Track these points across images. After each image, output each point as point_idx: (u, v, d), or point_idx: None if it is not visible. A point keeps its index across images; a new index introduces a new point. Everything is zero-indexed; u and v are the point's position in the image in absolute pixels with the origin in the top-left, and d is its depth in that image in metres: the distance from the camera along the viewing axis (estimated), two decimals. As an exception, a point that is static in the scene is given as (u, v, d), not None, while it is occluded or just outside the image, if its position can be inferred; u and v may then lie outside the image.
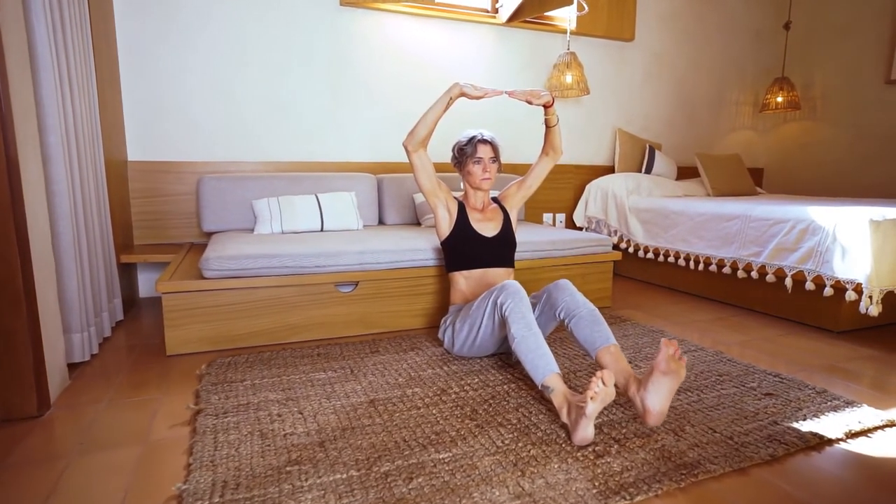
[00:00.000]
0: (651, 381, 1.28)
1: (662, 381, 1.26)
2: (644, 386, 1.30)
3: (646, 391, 1.29)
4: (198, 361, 1.85)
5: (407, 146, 1.80)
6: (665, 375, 1.26)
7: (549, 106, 1.84)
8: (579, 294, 1.58)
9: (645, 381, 1.30)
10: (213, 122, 2.82)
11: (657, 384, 1.27)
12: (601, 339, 1.47)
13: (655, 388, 1.27)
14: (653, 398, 1.27)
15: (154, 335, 2.14)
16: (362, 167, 3.15)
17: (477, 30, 3.34)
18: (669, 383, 1.26)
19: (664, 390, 1.27)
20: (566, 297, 1.58)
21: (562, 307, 1.58)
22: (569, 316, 1.55)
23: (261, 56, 2.86)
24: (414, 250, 2.22)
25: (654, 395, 1.27)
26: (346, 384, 1.64)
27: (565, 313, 1.56)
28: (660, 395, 1.27)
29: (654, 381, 1.27)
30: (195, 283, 1.90)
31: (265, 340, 2.03)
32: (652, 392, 1.27)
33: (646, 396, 1.28)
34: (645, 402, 1.28)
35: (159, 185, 2.75)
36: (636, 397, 1.32)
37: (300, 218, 2.59)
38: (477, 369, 1.76)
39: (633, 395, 1.34)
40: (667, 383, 1.26)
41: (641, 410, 1.30)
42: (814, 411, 1.45)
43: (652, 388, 1.28)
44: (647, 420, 1.29)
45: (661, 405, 1.27)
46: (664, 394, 1.27)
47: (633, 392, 1.34)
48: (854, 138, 3.93)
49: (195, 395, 1.56)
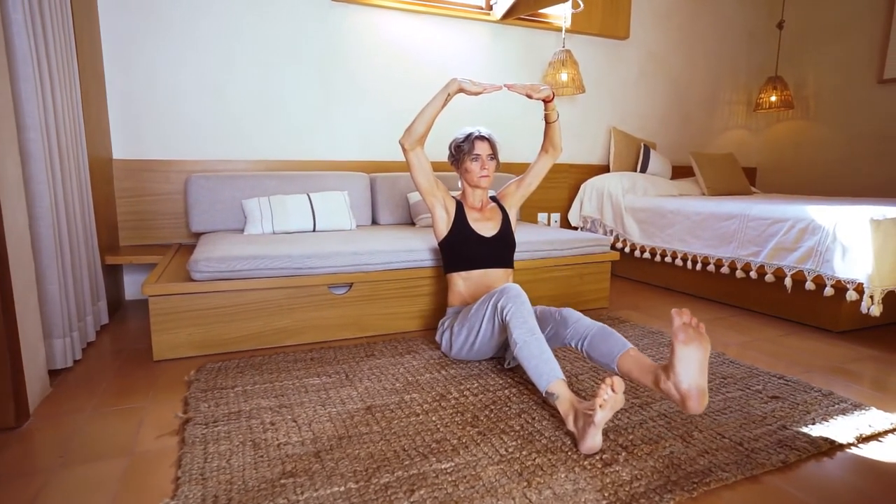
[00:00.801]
0: (675, 359, 1.16)
1: (687, 354, 1.15)
2: (671, 369, 1.18)
3: (674, 373, 1.17)
4: (186, 367, 1.78)
5: (403, 144, 1.74)
6: (686, 346, 1.15)
7: (549, 101, 1.79)
8: (585, 318, 1.52)
9: (670, 364, 1.19)
10: (202, 120, 2.74)
11: (683, 360, 1.15)
12: (618, 346, 1.39)
13: (682, 364, 1.16)
14: (684, 376, 1.15)
15: (141, 339, 2.07)
16: (355, 166, 3.09)
17: (471, 27, 3.29)
18: (695, 354, 1.15)
19: (693, 364, 1.15)
20: (573, 325, 1.50)
21: (570, 336, 1.50)
22: (579, 339, 1.47)
23: (251, 52, 2.79)
24: (409, 251, 2.17)
25: (684, 373, 1.15)
26: (342, 390, 1.58)
27: (575, 340, 1.48)
28: (690, 371, 1.15)
29: (678, 358, 1.16)
30: (183, 286, 1.83)
31: (256, 344, 1.97)
32: (681, 371, 1.16)
33: (677, 379, 1.17)
34: (679, 386, 1.17)
35: (146, 183, 2.67)
36: (668, 386, 1.20)
37: (292, 218, 2.53)
38: (476, 373, 1.71)
39: (665, 388, 1.21)
40: (692, 355, 1.15)
41: (678, 397, 1.18)
42: (822, 415, 1.42)
43: (679, 367, 1.16)
44: (687, 406, 1.15)
45: (695, 381, 1.14)
46: (695, 368, 1.15)
47: (663, 383, 1.21)
48: (846, 138, 3.94)
49: (184, 402, 1.50)
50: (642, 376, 1.30)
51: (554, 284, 2.47)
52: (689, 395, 1.16)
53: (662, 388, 1.23)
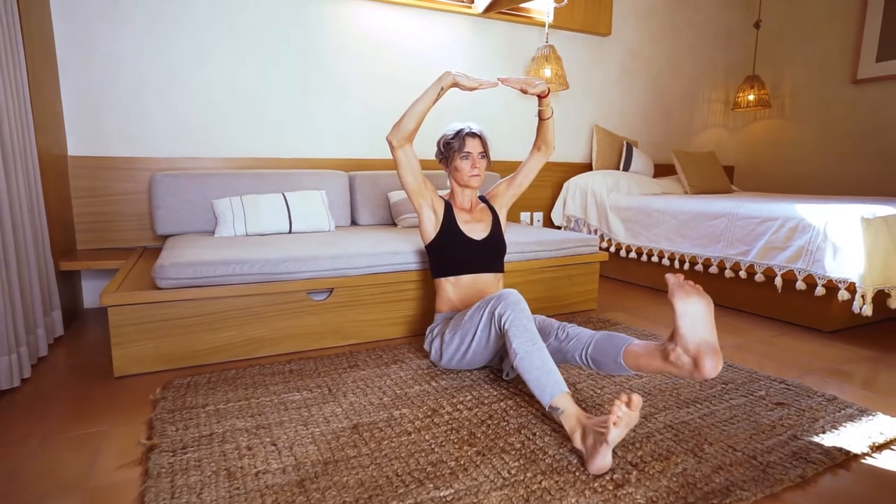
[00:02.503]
0: (679, 319, 1.09)
1: (690, 310, 1.08)
2: (676, 333, 1.11)
3: (680, 335, 1.10)
4: (151, 383, 1.62)
5: (391, 140, 1.63)
6: (686, 301, 1.08)
7: (543, 96, 1.70)
8: (586, 331, 1.44)
9: (674, 329, 1.11)
10: (168, 114, 2.56)
11: (687, 316, 1.08)
12: (621, 341, 1.31)
13: (687, 322, 1.08)
14: (692, 334, 1.08)
15: (100, 353, 1.89)
16: (333, 164, 2.94)
17: (452, 20, 3.19)
18: (699, 308, 1.08)
19: (698, 319, 1.08)
20: (572, 340, 1.42)
21: (572, 351, 1.41)
22: (582, 350, 1.39)
23: (220, 42, 2.62)
24: (393, 253, 2.05)
25: (690, 330, 1.08)
26: (325, 406, 1.46)
27: (579, 354, 1.39)
28: (697, 327, 1.08)
29: (681, 316, 1.08)
30: (147, 294, 1.67)
31: (229, 356, 1.82)
32: (687, 330, 1.08)
33: (684, 341, 1.09)
34: (687, 346, 1.09)
35: (106, 182, 2.48)
36: (677, 354, 1.12)
37: (266, 219, 2.38)
38: (468, 384, 1.61)
39: (675, 358, 1.13)
40: (696, 310, 1.08)
41: (690, 363, 1.10)
42: (831, 422, 1.36)
43: (685, 326, 1.08)
44: (702, 368, 1.07)
45: (704, 338, 1.07)
46: (701, 324, 1.08)
47: (672, 354, 1.14)
48: (821, 137, 3.98)
49: (148, 425, 1.35)
50: (650, 360, 1.22)
51: (542, 287, 2.39)
52: (701, 353, 1.08)
53: (672, 360, 1.15)
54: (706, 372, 1.08)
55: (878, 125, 3.65)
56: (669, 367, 1.17)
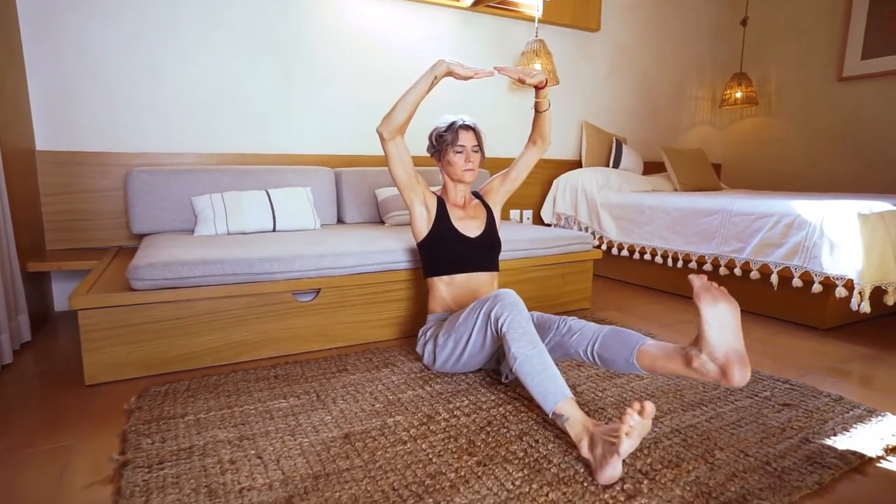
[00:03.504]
0: (705, 325, 1.03)
1: (717, 315, 1.02)
2: (702, 338, 1.04)
3: (707, 342, 1.04)
4: (126, 392, 1.52)
5: (382, 132, 1.54)
6: (714, 305, 1.02)
7: (541, 87, 1.63)
8: (591, 323, 1.36)
9: (700, 334, 1.05)
10: (143, 107, 2.44)
11: (714, 322, 1.02)
12: (633, 340, 1.24)
13: (714, 329, 1.02)
14: (720, 342, 1.02)
15: (71, 359, 1.78)
16: (318, 160, 2.85)
17: (440, 13, 3.11)
18: (727, 314, 1.02)
19: (726, 326, 1.02)
20: (577, 333, 1.34)
21: (577, 345, 1.33)
22: (588, 345, 1.31)
23: (200, 31, 2.50)
24: (382, 252, 1.97)
25: (718, 337, 1.02)
26: (313, 414, 1.37)
27: (583, 347, 1.32)
28: (725, 335, 1.02)
29: (707, 322, 1.03)
30: (121, 297, 1.57)
31: (211, 362, 1.72)
32: (714, 337, 1.02)
33: (711, 348, 1.03)
34: (715, 355, 1.03)
35: (77, 179, 2.35)
36: (702, 361, 1.06)
37: (249, 217, 2.28)
38: (464, 388, 1.54)
39: (698, 365, 1.07)
40: (724, 316, 1.02)
41: (717, 370, 1.04)
42: (841, 424, 1.32)
43: (711, 333, 1.03)
44: (730, 377, 1.02)
45: (732, 345, 1.02)
46: (730, 330, 1.02)
47: (696, 361, 1.08)
48: (808, 134, 3.99)
49: (121, 438, 1.25)
50: (669, 363, 1.16)
51: (536, 286, 2.32)
52: (730, 362, 1.02)
53: (695, 366, 1.09)
54: (735, 381, 1.02)
55: (863, 122, 3.66)
56: (691, 372, 1.10)
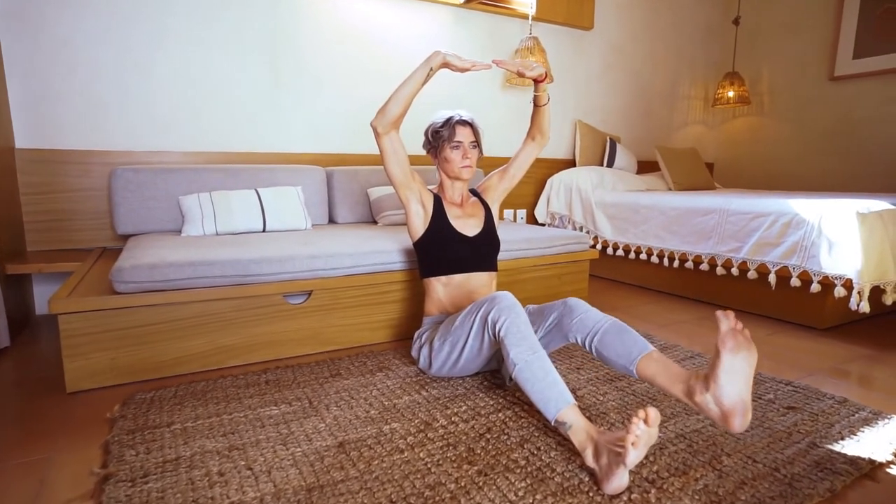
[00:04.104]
0: (720, 370, 1.00)
1: (734, 364, 0.99)
2: (712, 379, 1.02)
3: (717, 385, 1.01)
4: (109, 399, 1.46)
5: (376, 127, 1.49)
6: (735, 354, 0.99)
7: (541, 81, 1.59)
8: (594, 309, 1.34)
9: (711, 373, 1.02)
10: (128, 104, 2.37)
11: (729, 370, 0.99)
12: (637, 347, 1.21)
13: (728, 376, 1.00)
14: (729, 389, 1.00)
15: (51, 366, 1.71)
16: (309, 159, 2.79)
17: (433, 10, 3.06)
18: (743, 364, 1.00)
19: (740, 375, 1.00)
20: (580, 316, 1.32)
21: (576, 330, 1.31)
22: (588, 334, 1.29)
23: (187, 26, 2.43)
24: (376, 252, 1.92)
25: (729, 385, 1.00)
26: (306, 422, 1.32)
27: (582, 334, 1.30)
28: (737, 383, 0.99)
29: (723, 369, 1.00)
30: (104, 300, 1.50)
31: (198, 367, 1.66)
32: (726, 384, 1.00)
33: (720, 392, 1.01)
34: (721, 400, 1.01)
35: (60, 178, 2.27)
36: (705, 399, 1.04)
37: (238, 217, 2.22)
38: (461, 393, 1.49)
39: (701, 401, 1.05)
40: (741, 366, 0.99)
41: (719, 413, 1.02)
42: (847, 427, 1.29)
43: (724, 379, 1.00)
44: (730, 423, 1.01)
45: (741, 395, 1.00)
46: (742, 381, 1.00)
47: (699, 396, 1.05)
48: (800, 134, 4.00)
49: (103, 450, 1.19)
50: (670, 384, 1.13)
51: (531, 287, 2.29)
52: (734, 411, 1.00)
53: (697, 401, 1.06)
54: (734, 428, 1.01)
55: (855, 122, 3.67)
56: (690, 403, 1.09)
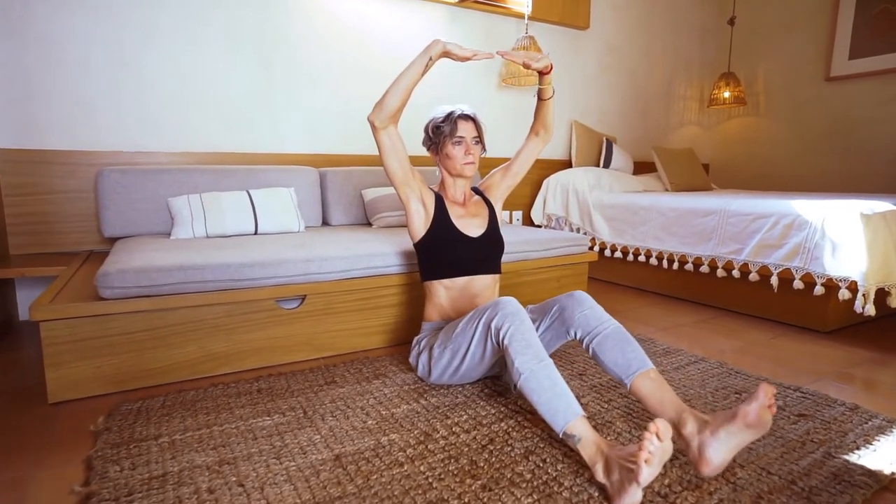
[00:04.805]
0: (727, 430, 1.00)
1: (741, 434, 1.00)
2: (712, 431, 1.02)
3: (713, 437, 1.01)
4: (94, 410, 1.39)
5: (373, 121, 1.42)
6: (749, 428, 0.99)
7: (546, 72, 1.52)
8: (600, 307, 1.30)
9: (715, 427, 1.02)
10: (115, 103, 2.30)
11: (734, 435, 1.00)
12: (636, 362, 1.18)
13: (729, 438, 1.00)
14: (718, 448, 1.00)
15: (33, 375, 1.64)
16: (301, 159, 2.73)
17: (428, 9, 3.01)
18: (748, 437, 1.01)
19: (738, 443, 1.01)
20: (584, 311, 1.28)
21: (578, 325, 1.28)
22: (589, 334, 1.26)
23: (176, 24, 2.37)
24: (371, 255, 1.86)
25: (723, 444, 1.00)
26: (300, 433, 1.26)
27: (583, 331, 1.27)
28: (729, 448, 1.01)
29: (731, 431, 1.00)
30: (88, 306, 1.44)
31: (187, 375, 1.60)
32: (723, 441, 1.00)
33: (709, 443, 1.01)
34: (706, 450, 1.01)
35: (44, 179, 2.20)
36: (694, 439, 1.04)
37: (229, 219, 2.15)
38: (461, 401, 1.44)
39: (689, 435, 1.06)
40: (745, 437, 1.00)
41: (696, 456, 1.03)
42: (862, 436, 1.25)
43: (724, 437, 1.00)
44: (700, 469, 1.02)
45: (725, 458, 1.01)
46: (735, 447, 1.01)
47: (690, 431, 1.06)
48: (796, 134, 3.99)
49: (86, 466, 1.13)
50: (660, 409, 1.14)
51: (529, 290, 2.24)
52: (711, 465, 1.01)
53: (685, 434, 1.07)
54: (702, 474, 1.04)
55: (851, 122, 3.66)
56: (675, 434, 1.09)
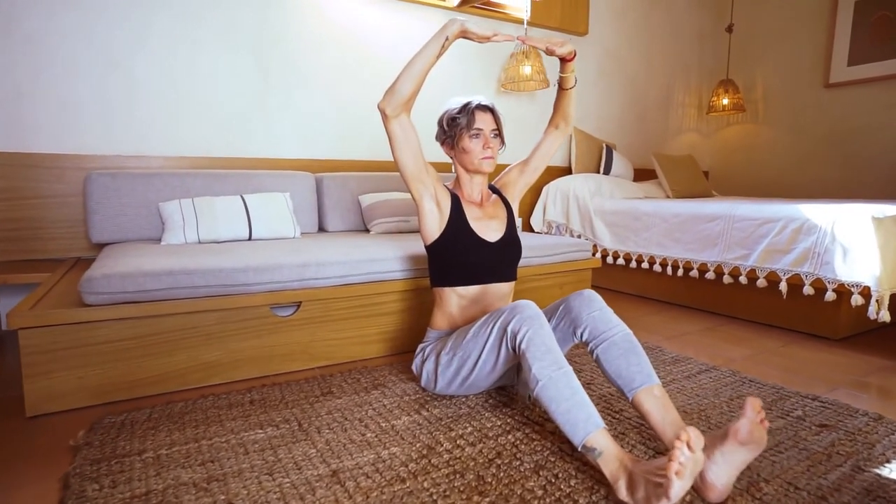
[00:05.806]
0: (721, 451, 0.95)
1: (736, 454, 0.94)
2: (710, 454, 0.96)
3: (711, 461, 0.95)
4: (76, 423, 1.31)
5: (384, 108, 1.29)
6: (744, 446, 0.94)
7: (569, 59, 1.42)
8: (610, 310, 1.23)
9: (712, 448, 0.96)
10: (105, 106, 2.23)
11: (730, 455, 0.94)
12: (641, 375, 1.11)
13: (726, 458, 0.95)
14: (719, 471, 0.95)
15: (11, 386, 1.55)
16: (297, 164, 2.66)
17: (426, 13, 2.97)
18: (746, 455, 0.95)
19: (737, 463, 0.95)
20: (593, 313, 1.21)
21: (585, 325, 1.21)
22: (596, 339, 1.19)
23: (168, 25, 2.31)
24: (369, 261, 1.80)
25: (722, 466, 0.95)
26: (295, 447, 1.19)
27: (590, 334, 1.20)
28: (729, 469, 0.95)
29: (725, 451, 0.95)
30: (70, 313, 1.36)
31: (176, 386, 1.52)
32: (720, 463, 0.95)
33: (709, 467, 0.95)
34: (707, 474, 0.95)
35: (28, 183, 2.12)
36: None
37: (222, 224, 2.08)
38: (465, 413, 1.37)
39: None
40: (743, 455, 0.95)
41: (699, 483, 0.96)
42: (891, 448, 1.19)
43: (721, 459, 0.95)
44: (707, 495, 0.96)
45: (728, 480, 0.95)
46: (735, 467, 0.95)
47: None
48: (795, 141, 3.97)
49: (62, 484, 1.04)
50: (661, 428, 1.08)
51: (533, 296, 2.17)
52: (714, 491, 0.95)
53: None
54: (707, 499, 0.97)
55: (851, 129, 3.64)
56: None
